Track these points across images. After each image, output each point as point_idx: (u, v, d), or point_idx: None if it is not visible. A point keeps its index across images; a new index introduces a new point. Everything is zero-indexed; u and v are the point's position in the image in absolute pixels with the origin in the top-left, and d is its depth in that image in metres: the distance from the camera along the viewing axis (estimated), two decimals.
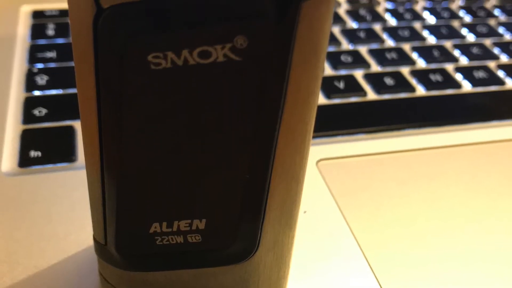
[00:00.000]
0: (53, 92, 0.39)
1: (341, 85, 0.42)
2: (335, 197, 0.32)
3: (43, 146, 0.34)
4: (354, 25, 0.51)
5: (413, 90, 0.43)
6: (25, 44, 0.44)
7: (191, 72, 0.17)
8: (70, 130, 0.36)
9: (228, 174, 0.20)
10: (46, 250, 0.28)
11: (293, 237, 0.24)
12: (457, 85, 0.44)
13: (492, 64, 0.47)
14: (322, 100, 0.40)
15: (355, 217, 0.31)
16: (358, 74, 0.44)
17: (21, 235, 0.29)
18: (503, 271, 0.29)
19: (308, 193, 0.32)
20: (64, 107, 0.37)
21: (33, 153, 0.34)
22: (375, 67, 0.45)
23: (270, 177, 0.20)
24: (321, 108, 0.39)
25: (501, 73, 0.46)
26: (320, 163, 0.35)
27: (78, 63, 0.18)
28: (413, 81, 0.43)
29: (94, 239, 0.23)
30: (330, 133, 0.37)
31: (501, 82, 0.44)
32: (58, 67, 0.42)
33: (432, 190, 0.34)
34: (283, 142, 0.20)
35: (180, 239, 0.22)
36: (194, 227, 0.21)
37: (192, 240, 0.22)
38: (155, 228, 0.21)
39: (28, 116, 0.36)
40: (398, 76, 0.44)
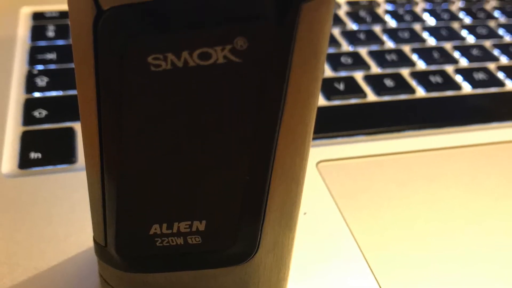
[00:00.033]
0: (53, 93, 0.39)
1: (341, 86, 0.42)
2: (335, 198, 0.32)
3: (43, 148, 0.34)
4: (354, 27, 0.51)
5: (413, 91, 0.43)
6: (25, 45, 0.44)
7: (191, 74, 0.17)
8: (70, 131, 0.36)
9: (228, 176, 0.20)
10: (46, 252, 0.28)
11: (293, 238, 0.24)
12: (457, 87, 0.44)
13: (492, 66, 0.47)
14: (322, 101, 0.40)
15: (355, 218, 0.31)
16: (358, 75, 0.44)
17: (21, 236, 0.29)
18: (503, 273, 0.29)
19: (308, 194, 0.32)
20: (64, 108, 0.38)
21: (33, 155, 0.34)
22: (375, 69, 0.45)
23: (270, 178, 0.20)
24: (321, 109, 0.39)
25: (501, 75, 0.46)
26: (320, 165, 0.35)
27: (78, 64, 0.18)
28: (413, 83, 0.43)
29: (94, 241, 0.23)
30: (330, 134, 0.37)
31: (501, 84, 0.44)
32: (58, 68, 0.42)
33: (432, 192, 0.34)
34: (283, 144, 0.20)
35: (180, 241, 0.22)
36: (194, 229, 0.21)
37: (192, 241, 0.22)
38: (155, 229, 0.21)
39: (28, 118, 0.37)
40: (398, 77, 0.44)
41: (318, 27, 0.17)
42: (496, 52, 0.49)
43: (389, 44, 0.48)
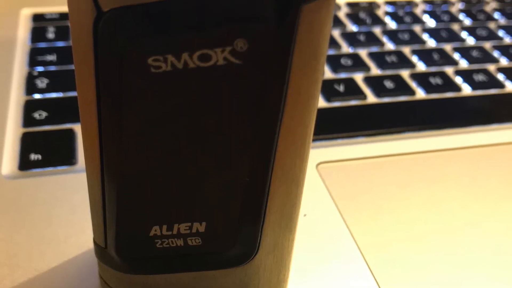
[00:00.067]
0: (53, 95, 0.39)
1: (341, 88, 0.42)
2: (335, 200, 0.32)
3: (43, 149, 0.34)
4: (354, 28, 0.51)
5: (413, 93, 0.43)
6: (25, 47, 0.44)
7: (191, 75, 0.17)
8: (70, 133, 0.36)
9: (228, 177, 0.20)
10: (46, 253, 0.28)
11: (293, 240, 0.24)
12: (457, 88, 0.44)
13: (492, 67, 0.47)
14: (322, 103, 0.40)
15: (355, 220, 0.31)
16: (358, 77, 0.44)
17: (22, 238, 0.29)
18: (504, 274, 0.29)
19: (308, 196, 0.32)
20: (64, 110, 0.38)
21: (33, 156, 0.34)
22: (375, 70, 0.45)
23: (270, 180, 0.20)
24: (321, 111, 0.39)
25: (501, 76, 0.46)
26: (320, 166, 0.35)
27: (78, 66, 0.18)
28: (413, 84, 0.43)
29: (94, 242, 0.23)
30: (330, 136, 0.37)
31: (501, 85, 0.44)
32: (58, 70, 0.42)
33: (432, 193, 0.34)
34: (283, 145, 0.20)
35: (180, 242, 0.22)
36: (194, 230, 0.21)
37: (192, 243, 0.22)
38: (155, 231, 0.21)
39: (28, 119, 0.37)
40: (398, 79, 0.44)
41: (318, 29, 0.17)
42: (496, 54, 0.49)
43: (389, 45, 0.48)
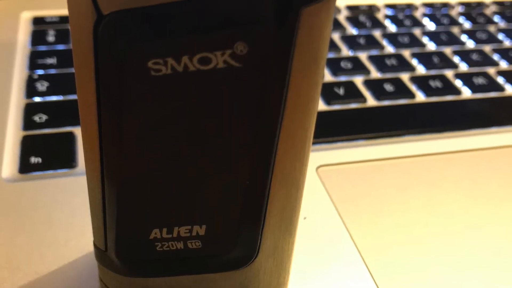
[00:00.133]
0: (54, 98, 0.39)
1: (341, 91, 0.42)
2: (335, 203, 0.32)
3: (44, 152, 0.34)
4: (354, 32, 0.51)
5: (413, 96, 0.43)
6: (25, 50, 0.44)
7: (191, 79, 0.17)
8: (71, 136, 0.36)
9: (228, 180, 0.20)
10: (46, 256, 0.28)
11: (293, 243, 0.24)
12: (457, 92, 0.44)
13: (491, 71, 0.47)
14: (322, 106, 0.40)
15: (355, 223, 0.31)
16: (358, 80, 0.44)
17: (22, 241, 0.29)
18: (503, 277, 0.29)
19: (308, 199, 0.32)
20: (65, 113, 0.38)
21: (34, 159, 0.34)
22: (375, 74, 0.45)
23: (270, 183, 0.20)
24: (321, 114, 0.39)
25: (500, 80, 0.46)
26: (320, 169, 0.35)
27: (78, 69, 0.18)
28: (413, 87, 0.43)
29: (94, 245, 0.23)
30: (330, 139, 0.37)
31: (501, 89, 0.45)
32: (58, 73, 0.42)
33: (432, 196, 0.34)
34: (283, 148, 0.20)
35: (180, 245, 0.22)
36: (194, 233, 0.21)
37: (192, 246, 0.22)
38: (155, 234, 0.21)
39: (28, 122, 0.37)
40: (397, 82, 0.44)
41: (318, 32, 0.17)
42: (495, 57, 0.49)
43: (389, 48, 0.48)
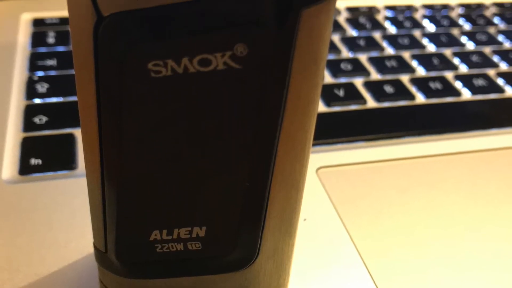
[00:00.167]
0: (54, 100, 0.39)
1: (341, 93, 0.42)
2: (335, 204, 0.32)
3: (44, 154, 0.34)
4: (354, 33, 0.51)
5: (413, 98, 0.43)
6: (25, 52, 0.44)
7: (191, 80, 0.17)
8: (71, 137, 0.36)
9: (228, 182, 0.20)
10: (46, 258, 0.28)
11: (293, 244, 0.24)
12: (457, 93, 0.44)
13: (491, 72, 0.47)
14: (322, 108, 0.40)
15: (355, 224, 0.31)
16: (358, 82, 0.44)
17: (22, 242, 0.29)
18: (503, 279, 0.29)
19: (308, 200, 0.32)
20: (65, 114, 0.38)
21: (34, 161, 0.34)
22: (375, 75, 0.45)
23: (270, 184, 0.20)
24: (321, 116, 0.39)
25: (500, 81, 0.46)
26: (320, 171, 0.35)
27: (78, 71, 0.18)
28: (413, 89, 0.43)
29: (95, 247, 0.23)
30: (330, 141, 0.37)
31: (501, 90, 0.45)
32: (58, 75, 0.42)
33: (432, 198, 0.34)
34: (283, 150, 0.20)
35: (180, 247, 0.22)
36: (194, 235, 0.21)
37: (192, 247, 0.22)
38: (155, 235, 0.21)
39: (28, 124, 0.37)
40: (397, 84, 0.44)
41: (318, 34, 0.17)
42: (495, 59, 0.49)
43: (389, 50, 0.48)
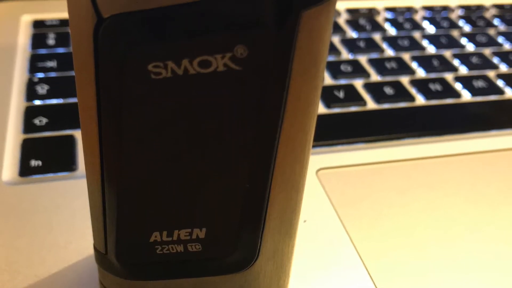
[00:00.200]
0: (54, 101, 0.39)
1: (341, 94, 0.42)
2: (335, 206, 0.32)
3: (44, 155, 0.34)
4: (354, 35, 0.51)
5: (413, 99, 0.43)
6: (25, 53, 0.44)
7: (191, 82, 0.17)
8: (71, 139, 0.36)
9: (228, 183, 0.20)
10: (46, 259, 0.28)
11: (293, 246, 0.24)
12: (457, 95, 0.44)
13: (491, 74, 0.47)
14: (322, 109, 0.40)
15: (355, 226, 0.31)
16: (358, 83, 0.44)
17: (22, 244, 0.29)
18: (503, 280, 0.29)
19: (308, 202, 0.32)
20: (65, 116, 0.38)
21: (34, 162, 0.34)
22: (374, 77, 0.45)
23: (270, 186, 0.20)
24: (321, 117, 0.39)
25: (500, 83, 0.46)
26: (320, 172, 0.35)
27: (78, 72, 0.18)
28: (413, 91, 0.43)
29: (95, 248, 0.23)
30: (330, 142, 0.37)
31: (501, 92, 0.45)
32: (58, 76, 0.42)
33: (432, 199, 0.34)
34: (283, 152, 0.20)
35: (180, 248, 0.22)
36: (194, 236, 0.21)
37: (192, 249, 0.22)
38: (155, 237, 0.21)
39: (28, 126, 0.37)
40: (397, 85, 0.44)
41: (318, 35, 0.17)
42: (495, 60, 0.49)
43: (389, 52, 0.48)
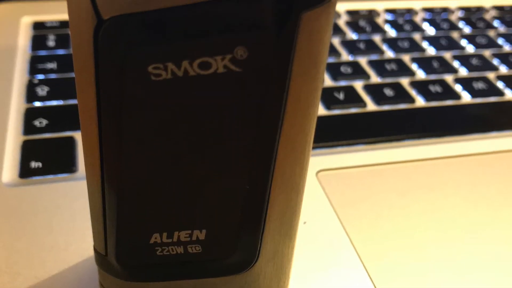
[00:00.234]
0: (54, 103, 0.39)
1: (341, 96, 0.42)
2: (335, 207, 0.33)
3: (44, 157, 0.34)
4: (354, 36, 0.51)
5: (413, 101, 0.43)
6: (25, 55, 0.44)
7: (192, 83, 0.17)
8: (71, 141, 0.36)
9: (228, 185, 0.20)
10: (46, 261, 0.28)
11: (293, 247, 0.24)
12: (457, 96, 0.44)
13: (491, 75, 0.47)
14: (322, 111, 0.40)
15: (355, 227, 0.31)
16: (358, 85, 0.44)
17: (22, 245, 0.29)
18: (503, 282, 0.29)
19: (308, 203, 0.32)
20: (65, 118, 0.38)
21: (34, 164, 0.34)
22: (374, 78, 0.45)
23: (270, 187, 0.20)
24: (321, 119, 0.39)
25: (500, 84, 0.46)
26: (320, 174, 0.35)
27: (78, 74, 0.18)
28: (413, 92, 0.43)
29: (95, 250, 0.23)
30: (330, 144, 0.37)
31: (501, 93, 0.45)
32: (58, 78, 0.42)
33: (432, 201, 0.34)
34: (283, 153, 0.20)
35: (180, 250, 0.22)
36: (194, 238, 0.21)
37: (192, 250, 0.22)
38: (156, 238, 0.21)
39: (28, 127, 0.37)
40: (397, 87, 0.44)
41: (317, 37, 0.17)
42: (495, 62, 0.49)
43: (389, 53, 0.48)
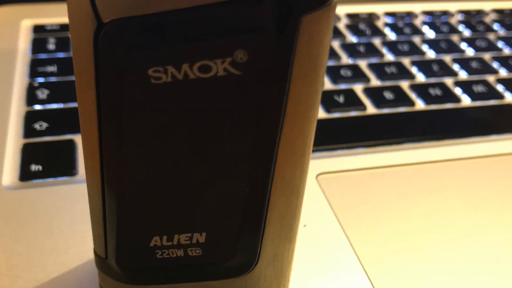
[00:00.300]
0: (54, 106, 0.39)
1: (341, 99, 0.42)
2: (334, 210, 0.32)
3: (44, 160, 0.34)
4: (354, 40, 0.51)
5: (413, 104, 0.43)
6: (26, 58, 0.44)
7: (192, 86, 0.17)
8: (71, 144, 0.36)
9: (228, 188, 0.20)
10: (47, 264, 0.28)
11: (293, 250, 0.24)
12: (457, 99, 0.44)
13: (491, 78, 0.47)
14: (322, 114, 0.41)
15: (355, 230, 0.31)
16: (358, 88, 0.44)
17: (22, 248, 0.29)
18: (503, 284, 0.29)
19: (308, 206, 0.32)
20: (65, 121, 0.38)
21: (34, 167, 0.34)
22: (374, 81, 0.45)
23: (270, 190, 0.20)
24: (321, 122, 0.39)
25: (500, 87, 0.46)
26: (320, 177, 0.35)
27: (78, 77, 0.18)
28: (413, 95, 0.43)
29: (95, 253, 0.23)
30: (330, 147, 0.38)
31: (500, 96, 0.45)
32: (58, 81, 0.42)
33: (432, 204, 0.34)
34: (283, 156, 0.20)
35: (180, 253, 0.22)
36: (194, 241, 0.21)
37: (192, 253, 0.22)
38: (156, 241, 0.21)
39: (29, 130, 0.37)
40: (397, 90, 0.44)
41: (317, 40, 0.17)
42: (495, 65, 0.49)
43: (389, 56, 0.48)
